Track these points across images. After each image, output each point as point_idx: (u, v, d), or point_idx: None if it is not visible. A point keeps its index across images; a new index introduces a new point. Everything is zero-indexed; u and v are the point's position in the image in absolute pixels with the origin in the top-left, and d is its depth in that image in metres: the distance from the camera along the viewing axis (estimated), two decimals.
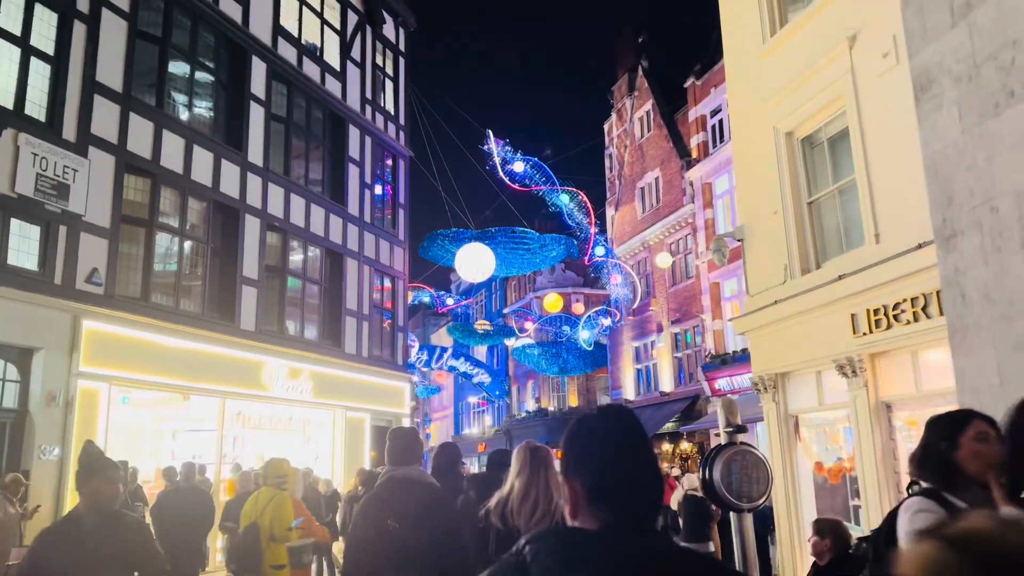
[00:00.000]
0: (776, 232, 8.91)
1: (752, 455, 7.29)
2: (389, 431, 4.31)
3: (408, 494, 3.81)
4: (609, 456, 1.52)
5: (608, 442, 1.54)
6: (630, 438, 1.55)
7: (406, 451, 4.02)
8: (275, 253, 15.54)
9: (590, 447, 1.55)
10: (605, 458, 1.52)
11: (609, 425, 1.57)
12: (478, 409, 45.55)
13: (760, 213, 9.30)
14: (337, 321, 16.99)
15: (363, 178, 18.33)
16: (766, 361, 9.06)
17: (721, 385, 22.22)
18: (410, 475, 3.93)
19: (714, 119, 24.08)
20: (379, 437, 18.16)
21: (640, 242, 27.44)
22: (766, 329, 9.01)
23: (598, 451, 1.54)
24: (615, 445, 1.54)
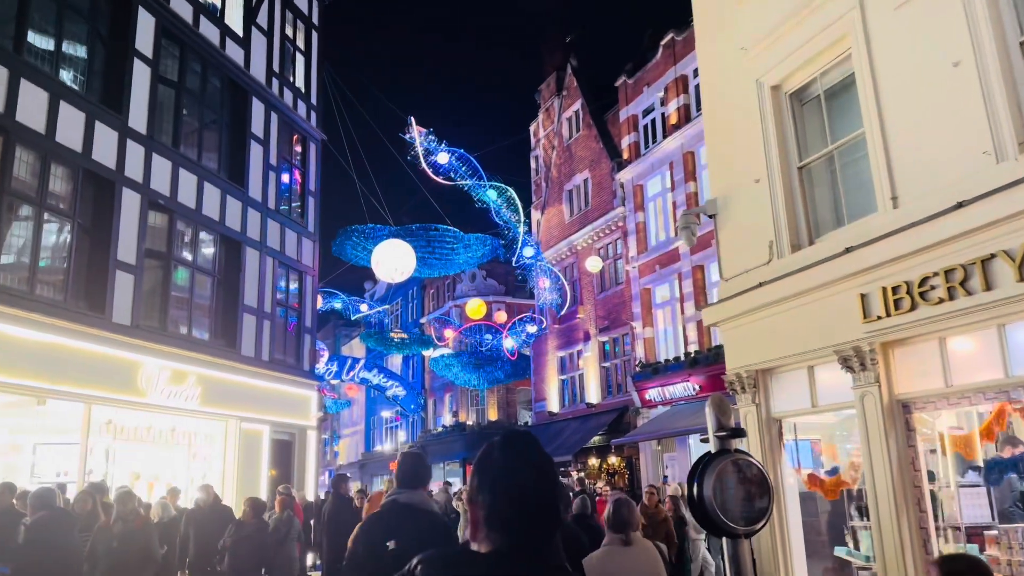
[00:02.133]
0: (759, 204, 7.54)
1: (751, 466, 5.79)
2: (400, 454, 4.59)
3: (410, 519, 3.96)
4: (505, 482, 1.59)
5: (505, 468, 1.61)
6: (525, 465, 1.62)
7: (414, 476, 4.15)
8: (159, 236, 13.33)
9: (490, 473, 1.63)
10: (501, 484, 1.59)
11: (507, 452, 1.64)
12: (391, 424, 43.31)
13: (738, 183, 7.93)
14: (233, 318, 14.84)
15: (268, 159, 16.27)
16: (744, 356, 7.65)
17: (652, 396, 21.01)
18: (413, 500, 4.05)
19: (646, 119, 23.07)
20: (280, 452, 16.02)
21: (567, 246, 26.14)
22: (744, 318, 7.60)
23: (495, 477, 1.61)
24: (511, 471, 1.60)
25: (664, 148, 21.59)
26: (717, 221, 8.18)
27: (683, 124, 20.89)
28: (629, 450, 22.12)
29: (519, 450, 1.65)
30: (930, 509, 6.04)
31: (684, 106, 21.09)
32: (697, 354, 19.50)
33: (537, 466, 1.64)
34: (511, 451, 1.65)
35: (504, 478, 1.61)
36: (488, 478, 1.64)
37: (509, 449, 1.66)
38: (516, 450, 1.65)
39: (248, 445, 14.88)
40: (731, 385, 7.83)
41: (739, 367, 7.65)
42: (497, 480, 1.62)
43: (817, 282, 6.71)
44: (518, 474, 1.61)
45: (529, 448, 1.66)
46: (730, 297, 7.74)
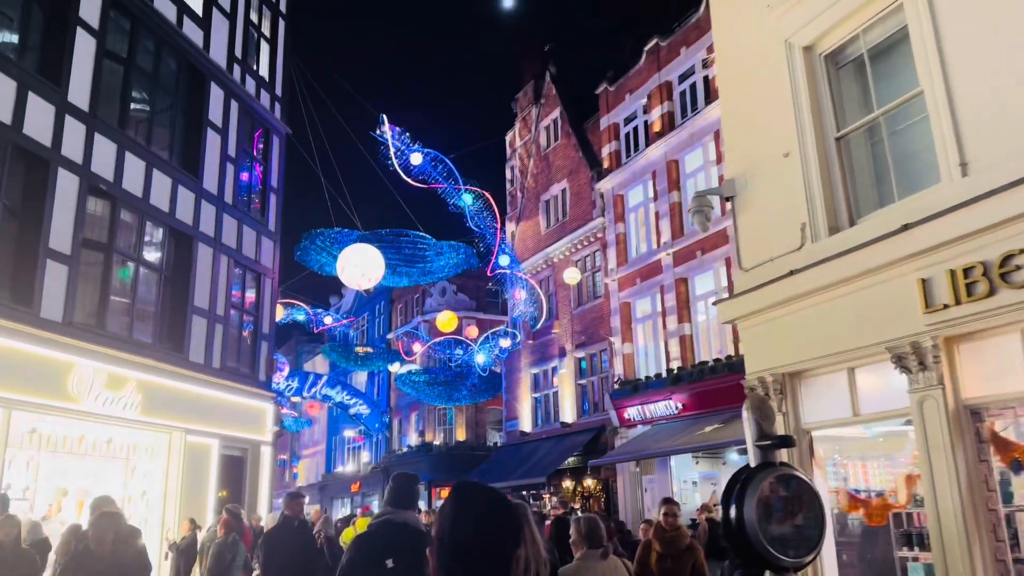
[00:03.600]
0: (787, 182, 6.54)
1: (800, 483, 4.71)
2: (392, 475, 4.50)
3: (406, 538, 4.00)
4: (448, 534, 1.62)
5: (449, 522, 1.64)
6: (470, 517, 1.64)
7: (405, 496, 4.27)
8: (98, 225, 11.98)
9: (440, 524, 1.66)
10: (445, 536, 1.63)
11: (453, 505, 1.67)
12: (354, 445, 41.67)
13: (761, 159, 6.93)
14: (180, 320, 13.47)
15: (226, 150, 15.00)
16: (768, 357, 6.59)
17: (632, 415, 19.94)
18: (408, 520, 4.15)
19: (628, 127, 22.22)
20: (231, 469, 14.61)
21: (543, 259, 25.09)
22: (769, 313, 6.56)
23: (442, 528, 1.65)
24: (454, 525, 1.63)
25: (647, 157, 20.73)
26: (735, 204, 7.16)
27: (667, 132, 20.06)
28: (606, 472, 20.98)
29: (468, 501, 1.68)
30: (1007, 537, 5.00)
31: (668, 113, 20.27)
32: (681, 371, 18.50)
33: (485, 518, 1.65)
34: (460, 502, 1.67)
35: (452, 532, 1.64)
36: (439, 527, 1.66)
37: (459, 500, 1.68)
38: (465, 501, 1.67)
39: (195, 460, 13.46)
40: (751, 392, 6.74)
41: (762, 370, 6.58)
42: (445, 530, 1.64)
43: (864, 267, 5.69)
44: (464, 526, 1.64)
45: (479, 499, 1.68)
46: (752, 289, 6.70)
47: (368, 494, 36.55)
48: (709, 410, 17.31)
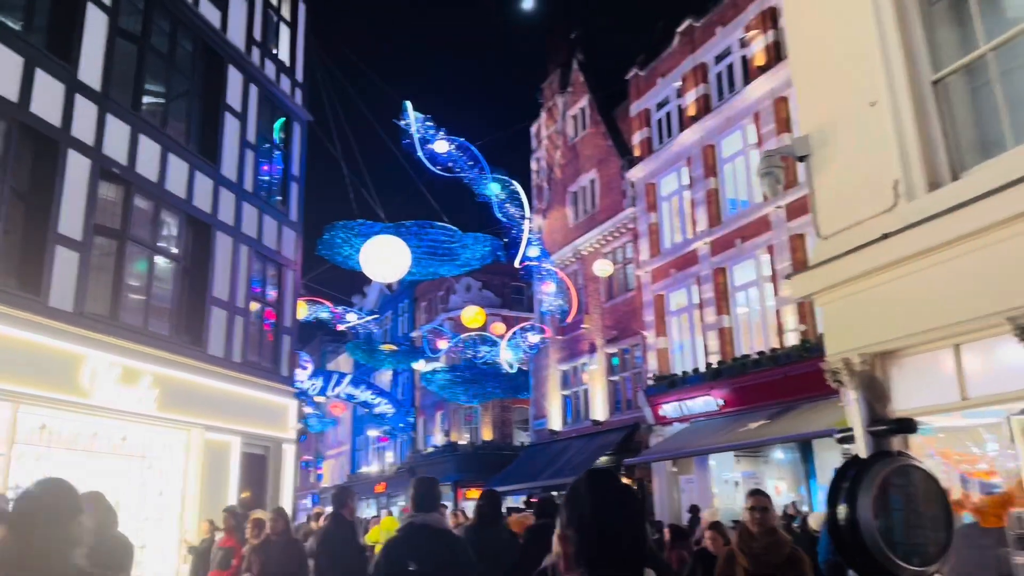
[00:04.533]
0: (874, 134, 5.72)
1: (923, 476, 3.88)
2: (413, 479, 4.64)
3: (428, 540, 4.09)
4: (587, 520, 1.68)
5: (587, 508, 1.70)
6: (610, 503, 1.70)
7: (427, 498, 4.36)
8: (111, 210, 11.40)
9: (576, 510, 1.72)
10: (583, 521, 1.68)
11: (593, 490, 1.74)
12: (378, 445, 41.12)
13: (841, 111, 6.12)
14: (199, 312, 12.87)
15: (245, 136, 14.40)
16: (854, 335, 5.78)
17: (667, 412, 19.11)
18: (428, 521, 4.22)
19: (660, 112, 21.39)
20: (252, 468, 13.99)
21: (572, 252, 24.30)
22: (855, 285, 5.74)
23: (581, 515, 1.70)
24: (593, 509, 1.69)
25: (681, 142, 19.88)
26: (810, 164, 6.35)
27: (702, 115, 19.21)
28: (640, 472, 20.14)
29: (604, 488, 1.74)
30: None
31: (703, 96, 19.42)
32: (721, 365, 17.63)
33: (621, 504, 1.71)
34: (597, 489, 1.73)
35: (590, 516, 1.68)
36: (575, 515, 1.70)
37: (595, 487, 1.74)
38: (601, 488, 1.74)
39: (214, 459, 12.83)
40: (834, 376, 5.93)
41: (847, 351, 5.76)
42: (583, 518, 1.69)
43: (975, 226, 4.86)
44: (603, 512, 1.68)
45: (613, 486, 1.75)
46: (833, 259, 5.88)
47: (393, 495, 35.95)
48: (752, 406, 16.46)
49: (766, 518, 4.66)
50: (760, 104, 17.34)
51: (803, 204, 16.00)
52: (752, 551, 4.41)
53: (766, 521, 4.66)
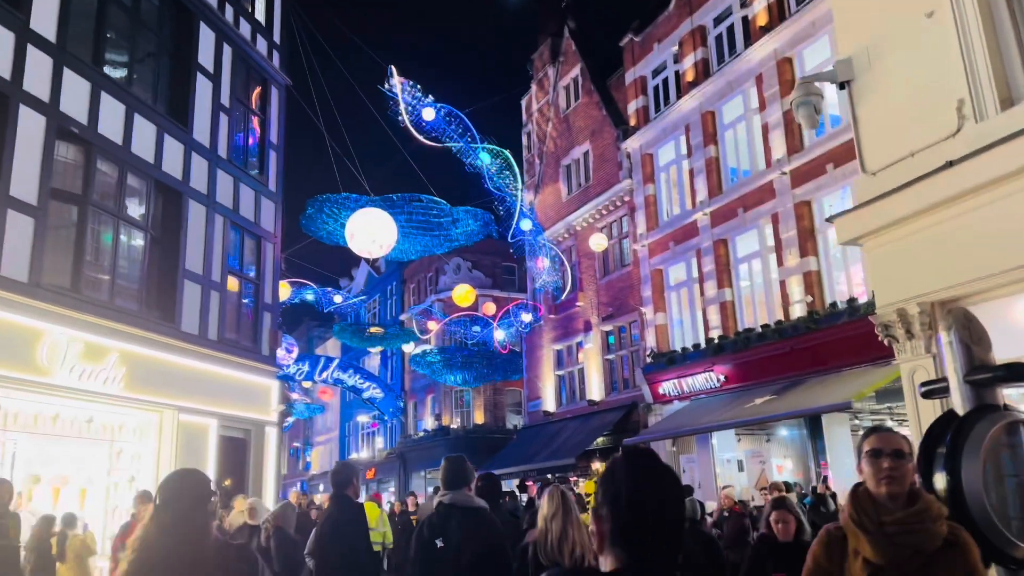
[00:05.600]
0: (932, 49, 4.93)
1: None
2: (444, 458, 4.58)
3: (455, 517, 4.22)
4: (627, 499, 1.60)
5: (627, 485, 1.62)
6: (648, 482, 1.64)
7: (457, 476, 4.43)
8: (70, 173, 10.49)
9: (612, 489, 1.64)
10: (623, 501, 1.61)
11: (628, 468, 1.66)
12: (368, 430, 40.34)
13: (890, 28, 5.32)
14: (170, 285, 11.99)
15: (218, 98, 13.47)
16: (910, 283, 5.01)
17: (667, 390, 18.40)
18: (456, 500, 4.32)
19: (656, 79, 20.54)
20: (232, 452, 13.17)
21: (565, 227, 23.48)
22: (909, 225, 4.97)
23: (617, 494, 1.62)
24: (633, 489, 1.61)
25: (679, 109, 19.05)
26: (853, 91, 5.56)
27: (701, 81, 18.38)
28: None
29: (642, 466, 1.67)
30: None
31: (702, 60, 18.58)
32: (723, 340, 16.91)
33: (660, 482, 1.64)
34: (634, 467, 1.66)
35: (628, 495, 1.61)
36: (611, 494, 1.64)
37: (632, 465, 1.67)
38: (639, 466, 1.67)
39: (190, 442, 11.99)
40: (886, 331, 5.16)
41: (901, 301, 5.00)
42: (620, 496, 1.62)
43: None
44: (641, 491, 1.61)
45: (652, 464, 1.68)
46: (883, 196, 5.10)
47: (384, 480, 35.23)
48: (757, 382, 15.77)
49: (900, 471, 2.50)
50: (763, 66, 16.53)
51: (809, 169, 15.26)
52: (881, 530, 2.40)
53: (902, 476, 2.50)
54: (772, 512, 4.53)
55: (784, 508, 4.55)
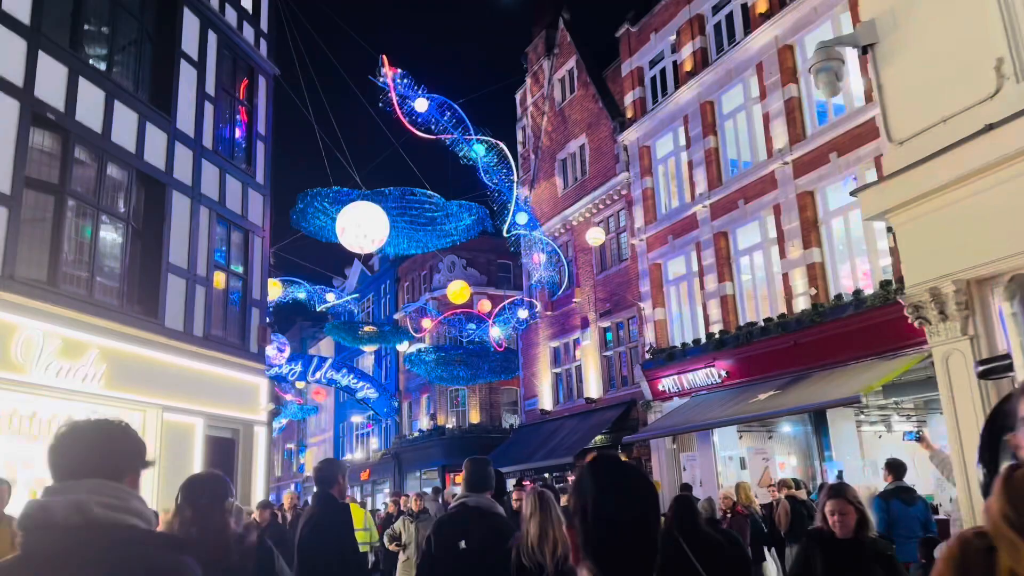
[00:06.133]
0: (965, 7, 4.51)
1: None
2: (466, 460, 4.55)
3: (479, 520, 4.24)
4: (590, 512, 1.54)
5: (590, 497, 1.55)
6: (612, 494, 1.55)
7: (481, 480, 4.42)
8: (46, 162, 10.03)
9: (580, 501, 1.57)
10: (587, 513, 1.54)
11: (592, 480, 1.59)
12: (362, 431, 39.90)
13: None
14: (153, 279, 11.54)
15: (203, 87, 13.02)
16: (942, 260, 4.60)
17: (667, 386, 18.01)
18: (481, 504, 4.33)
19: (653, 70, 20.16)
20: (219, 452, 12.71)
21: (561, 223, 23.08)
22: (941, 197, 4.56)
23: (586, 504, 1.56)
24: (596, 501, 1.54)
25: (676, 101, 18.67)
26: (877, 54, 5.16)
27: (700, 70, 17.99)
28: (639, 450, 19.05)
29: (609, 475, 1.60)
30: None
31: (701, 50, 18.19)
32: (724, 334, 16.52)
33: (629, 493, 1.57)
34: (600, 477, 1.59)
35: (594, 505, 1.55)
36: (580, 504, 1.58)
37: (599, 475, 1.60)
38: (606, 475, 1.60)
39: (175, 442, 11.55)
40: (916, 312, 4.75)
41: (935, 279, 4.60)
42: (588, 507, 1.56)
43: None
44: (608, 501, 1.55)
45: (620, 473, 1.61)
46: (912, 166, 4.70)
47: (379, 481, 34.79)
48: (759, 377, 15.38)
49: None
50: (763, 54, 16.15)
51: (812, 159, 14.89)
52: None
53: None
54: (827, 502, 3.83)
55: (842, 497, 3.79)
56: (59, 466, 1.86)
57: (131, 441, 1.99)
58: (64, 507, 1.74)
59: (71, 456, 1.86)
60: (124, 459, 1.93)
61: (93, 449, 1.88)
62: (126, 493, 1.86)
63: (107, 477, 1.84)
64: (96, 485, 1.80)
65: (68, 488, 1.79)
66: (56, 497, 1.77)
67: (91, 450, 1.88)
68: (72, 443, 1.89)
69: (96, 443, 1.90)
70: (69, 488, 1.79)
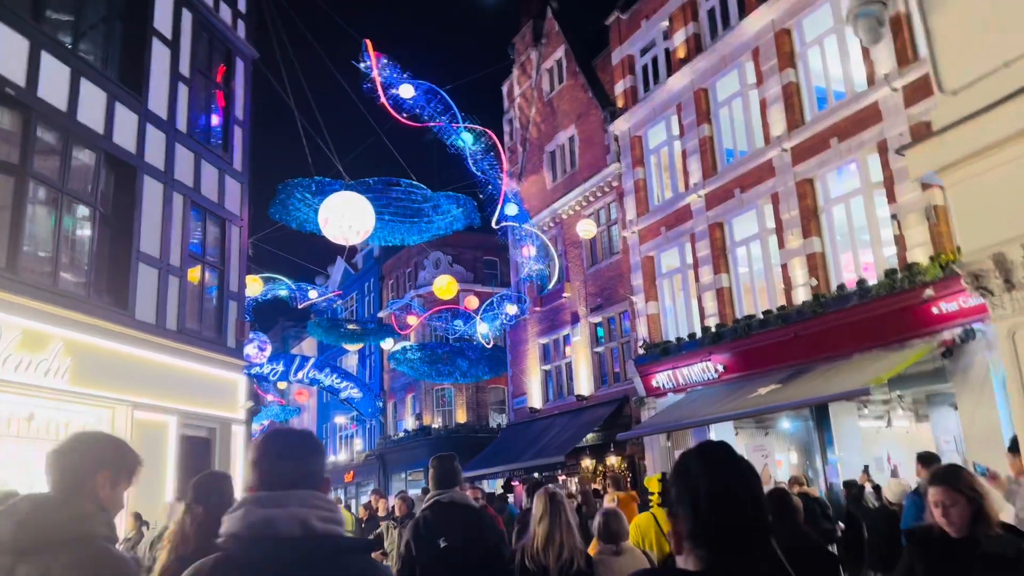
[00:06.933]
0: None
1: None
2: (432, 458, 4.45)
3: (456, 516, 4.12)
4: (702, 497, 1.50)
5: (702, 483, 1.53)
6: (726, 478, 1.54)
7: (449, 476, 4.27)
8: (6, 140, 9.35)
9: (686, 487, 1.55)
10: (699, 499, 1.51)
11: (704, 465, 1.57)
12: (346, 432, 39.15)
13: None
14: (123, 269, 10.86)
15: (177, 67, 12.35)
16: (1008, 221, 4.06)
17: (660, 382, 17.50)
18: (455, 498, 4.18)
19: (645, 57, 19.64)
20: (195, 453, 12.05)
21: (550, 216, 22.52)
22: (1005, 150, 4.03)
23: (692, 492, 1.53)
24: (709, 486, 1.52)
25: (669, 88, 18.16)
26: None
27: (693, 57, 17.49)
28: (632, 448, 18.54)
29: (720, 460, 1.58)
30: None
31: (694, 36, 17.70)
32: (720, 328, 16.01)
33: (741, 477, 1.56)
34: (711, 462, 1.57)
35: (706, 491, 1.51)
36: (687, 490, 1.54)
37: (709, 459, 1.58)
38: (716, 460, 1.58)
39: (147, 442, 10.84)
40: (976, 282, 4.22)
41: (1000, 243, 4.06)
42: (698, 493, 1.52)
43: None
44: (721, 486, 1.52)
45: (730, 458, 1.59)
46: (970, 117, 4.16)
47: (363, 483, 34.06)
48: (758, 371, 14.88)
49: None
50: (759, 39, 15.67)
51: (812, 145, 14.43)
52: None
53: None
54: (930, 489, 3.11)
55: (948, 485, 3.07)
56: (270, 474, 1.88)
57: (323, 451, 2.06)
58: (287, 519, 1.78)
59: (281, 467, 1.89)
60: (323, 468, 2.00)
61: (300, 460, 1.93)
62: (333, 504, 1.90)
63: (312, 487, 1.88)
64: (308, 497, 1.84)
65: (281, 499, 1.81)
66: (275, 510, 1.79)
67: (299, 462, 1.92)
68: (280, 453, 1.93)
69: (303, 454, 1.95)
70: (281, 499, 1.81)
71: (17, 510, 2.13)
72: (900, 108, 12.75)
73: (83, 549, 2.11)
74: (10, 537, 2.06)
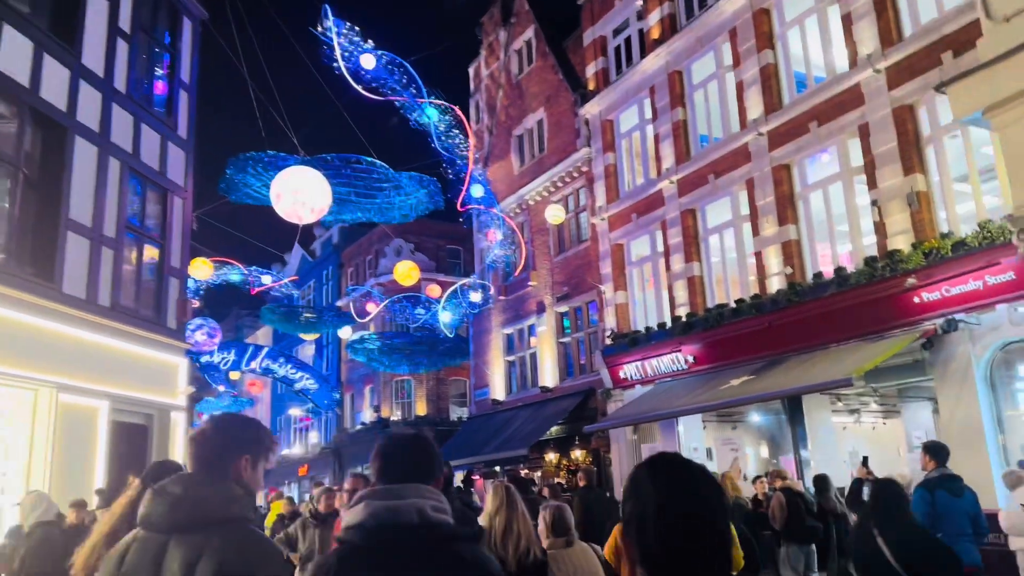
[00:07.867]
0: None
1: None
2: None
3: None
4: (652, 520, 1.36)
5: (655, 501, 1.37)
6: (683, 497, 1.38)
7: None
8: None
9: (638, 506, 1.41)
10: (650, 519, 1.36)
11: (659, 481, 1.41)
12: (300, 425, 38.05)
13: None
14: (50, 237, 9.87)
15: (116, 21, 11.35)
16: None
17: (629, 373, 16.90)
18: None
19: (617, 39, 19.02)
20: (130, 441, 11.10)
21: (517, 202, 21.82)
22: None
23: (646, 512, 1.38)
24: (658, 507, 1.36)
25: (642, 70, 17.56)
26: None
27: (668, 37, 16.90)
28: (597, 441, 17.94)
29: (671, 475, 1.42)
30: None
31: (669, 16, 17.11)
32: (691, 317, 15.46)
33: (695, 497, 1.38)
34: (662, 477, 1.41)
35: (657, 511, 1.36)
36: (638, 512, 1.39)
37: (662, 477, 1.41)
38: (667, 475, 1.41)
39: (74, 427, 9.90)
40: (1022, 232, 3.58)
41: None
42: (649, 517, 1.36)
43: None
44: (675, 509, 1.36)
45: (683, 471, 1.42)
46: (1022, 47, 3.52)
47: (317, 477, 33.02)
48: (731, 362, 14.36)
49: None
50: (737, 19, 15.13)
51: (789, 129, 13.93)
52: None
53: None
54: None
55: None
56: (389, 469, 2.12)
57: (434, 449, 2.24)
58: (406, 508, 1.95)
59: (400, 462, 2.13)
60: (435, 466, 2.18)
61: (416, 456, 2.17)
62: (443, 497, 2.06)
63: (424, 481, 2.07)
64: (422, 489, 2.03)
65: (400, 491, 2.01)
66: (396, 501, 1.97)
67: (415, 457, 2.16)
68: (399, 451, 2.18)
69: (416, 451, 2.19)
70: (400, 491, 2.01)
71: (169, 492, 2.14)
72: (883, 90, 12.27)
73: (234, 531, 2.10)
74: (165, 517, 2.08)
